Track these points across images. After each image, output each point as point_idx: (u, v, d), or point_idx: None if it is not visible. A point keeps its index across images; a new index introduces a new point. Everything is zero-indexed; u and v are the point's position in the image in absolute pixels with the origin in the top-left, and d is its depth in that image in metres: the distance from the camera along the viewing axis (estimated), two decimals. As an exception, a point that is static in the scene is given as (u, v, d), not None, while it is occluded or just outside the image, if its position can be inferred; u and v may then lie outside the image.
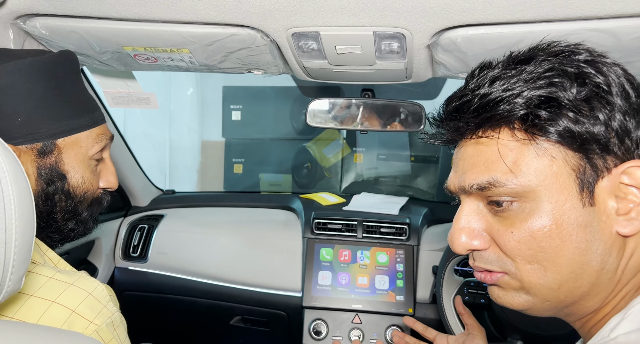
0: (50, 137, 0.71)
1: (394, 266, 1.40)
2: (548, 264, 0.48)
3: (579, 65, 0.48)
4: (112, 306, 0.62)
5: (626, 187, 0.46)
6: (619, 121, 0.46)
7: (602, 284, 0.48)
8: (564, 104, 0.46)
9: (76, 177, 0.75)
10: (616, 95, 0.47)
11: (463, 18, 0.71)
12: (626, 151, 0.47)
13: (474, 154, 0.51)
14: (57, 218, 0.74)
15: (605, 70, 0.48)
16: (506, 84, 0.49)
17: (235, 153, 2.47)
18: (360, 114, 1.21)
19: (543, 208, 0.47)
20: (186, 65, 0.95)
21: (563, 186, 0.47)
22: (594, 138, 0.46)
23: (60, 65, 0.73)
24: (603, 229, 0.47)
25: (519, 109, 0.47)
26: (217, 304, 1.51)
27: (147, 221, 1.59)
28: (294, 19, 0.75)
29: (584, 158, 0.47)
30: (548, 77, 0.48)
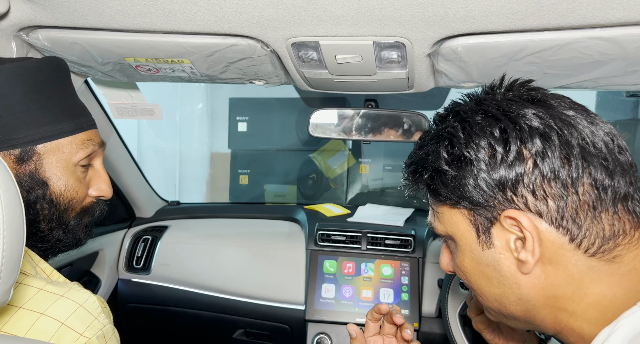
0: (28, 143, 0.68)
1: (399, 278, 1.38)
2: (478, 292, 0.58)
3: (453, 131, 0.55)
4: (104, 318, 0.61)
5: (515, 229, 0.51)
6: (484, 181, 0.52)
7: (535, 310, 0.53)
8: (442, 173, 0.55)
9: (59, 185, 0.72)
10: (480, 159, 0.52)
11: (463, 27, 0.70)
12: (504, 201, 0.51)
13: None
14: (41, 227, 0.71)
15: (475, 133, 0.53)
16: (415, 150, 0.61)
17: (241, 164, 2.47)
18: (364, 124, 1.20)
19: (460, 249, 0.58)
20: (188, 76, 0.95)
21: (464, 234, 0.56)
22: (471, 200, 0.53)
23: (42, 70, 0.71)
24: (505, 268, 0.53)
25: (417, 180, 0.59)
26: (220, 317, 1.49)
27: (151, 232, 1.58)
28: (294, 29, 0.75)
29: (472, 210, 0.54)
30: (433, 145, 0.57)
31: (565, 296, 0.51)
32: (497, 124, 0.53)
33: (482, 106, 0.56)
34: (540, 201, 0.50)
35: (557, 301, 0.51)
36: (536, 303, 0.53)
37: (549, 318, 0.53)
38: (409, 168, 0.61)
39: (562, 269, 0.50)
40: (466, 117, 0.55)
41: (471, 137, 0.53)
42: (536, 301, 0.53)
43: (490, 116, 0.54)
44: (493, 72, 0.83)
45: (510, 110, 0.54)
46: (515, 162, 0.51)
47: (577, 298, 0.50)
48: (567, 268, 0.50)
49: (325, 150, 2.31)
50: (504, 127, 0.52)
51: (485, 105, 0.56)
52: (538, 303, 0.53)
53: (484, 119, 0.54)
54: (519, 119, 0.52)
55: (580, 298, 0.50)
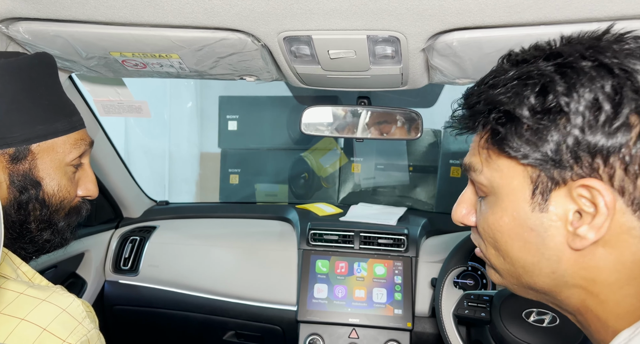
0: (23, 142, 0.67)
1: (392, 278, 1.37)
2: (504, 255, 0.53)
3: (551, 75, 0.46)
4: (89, 323, 0.58)
5: (584, 201, 0.46)
6: (574, 139, 0.45)
7: (565, 287, 0.50)
8: (520, 120, 0.47)
9: (52, 185, 0.71)
10: (579, 113, 0.44)
11: (459, 21, 0.68)
12: (587, 168, 0.45)
13: (473, 141, 0.57)
14: (31, 228, 0.70)
15: (580, 83, 0.45)
16: (487, 87, 0.51)
17: (232, 163, 2.44)
18: (356, 122, 1.18)
19: (499, 205, 0.51)
20: (176, 71, 0.93)
21: (516, 190, 0.50)
22: (545, 157, 0.46)
23: (35, 67, 0.70)
24: (551, 237, 0.48)
25: (480, 119, 0.51)
26: (210, 318, 1.47)
27: (139, 233, 1.55)
28: (285, 23, 0.73)
29: (539, 168, 0.48)
30: (515, 87, 0.48)
31: (606, 283, 0.47)
32: (611, 78, 0.44)
33: (594, 50, 0.46)
34: (629, 178, 0.44)
35: (594, 286, 0.48)
36: (570, 280, 0.49)
37: (575, 298, 0.50)
38: (471, 105, 0.52)
39: (616, 255, 0.46)
40: (571, 61, 0.46)
41: (574, 86, 0.45)
42: (571, 279, 0.48)
43: (603, 66, 0.45)
44: (488, 67, 0.80)
45: (629, 64, 0.45)
46: (621, 128, 0.43)
47: (616, 287, 0.47)
48: (622, 254, 0.46)
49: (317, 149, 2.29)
50: (620, 84, 0.44)
51: (598, 51, 0.46)
52: (572, 281, 0.49)
53: (595, 68, 0.45)
54: (637, 75, 0.44)
55: (620, 288, 0.46)
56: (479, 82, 0.54)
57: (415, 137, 1.16)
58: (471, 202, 0.58)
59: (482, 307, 1.11)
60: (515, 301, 1.06)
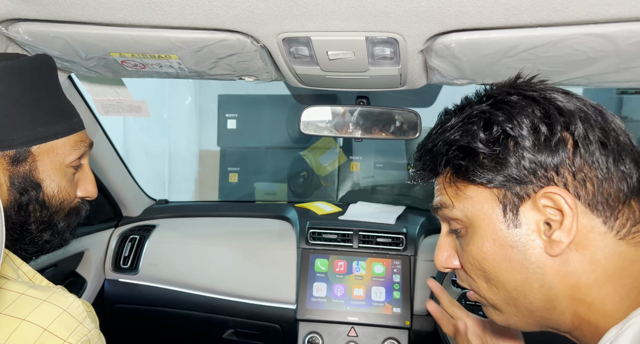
0: (24, 144, 0.67)
1: (391, 276, 1.37)
2: (496, 283, 0.55)
3: (489, 110, 0.54)
4: (89, 323, 0.59)
5: (549, 210, 0.50)
6: (528, 160, 0.51)
7: (556, 300, 0.52)
8: (476, 152, 0.53)
9: (52, 187, 0.71)
10: (523, 136, 0.51)
11: (457, 23, 0.69)
12: (544, 179, 0.51)
13: (436, 184, 0.61)
14: (31, 229, 0.70)
15: (515, 112, 0.52)
16: (438, 134, 0.58)
17: (231, 162, 2.44)
18: (355, 121, 1.19)
19: (478, 233, 0.55)
20: (175, 71, 0.93)
21: (488, 213, 0.54)
22: (508, 178, 0.52)
23: (35, 69, 0.70)
24: (531, 250, 0.51)
25: (441, 159, 0.57)
26: (209, 317, 1.47)
27: (139, 232, 1.56)
28: (284, 24, 0.73)
29: (504, 187, 0.52)
30: (462, 126, 0.55)
31: (587, 285, 0.50)
32: (537, 105, 0.52)
33: (515, 89, 0.55)
34: (579, 183, 0.50)
35: (579, 291, 0.51)
36: (558, 291, 0.51)
37: (568, 311, 0.52)
38: (429, 148, 0.59)
39: (589, 255, 0.50)
40: (501, 98, 0.54)
41: (512, 115, 0.52)
42: (559, 289, 0.51)
43: (528, 97, 0.54)
44: (486, 68, 0.82)
45: (545, 92, 0.54)
46: (559, 143, 0.50)
47: (597, 287, 0.50)
48: (594, 253, 0.50)
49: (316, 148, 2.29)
50: (545, 108, 0.52)
51: (519, 88, 0.55)
52: (560, 291, 0.51)
53: (522, 99, 0.54)
54: (556, 101, 0.52)
55: (600, 288, 0.50)
56: (428, 135, 0.61)
57: (414, 137, 1.16)
58: (450, 246, 0.61)
59: (479, 305, 1.12)
60: None
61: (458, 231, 0.58)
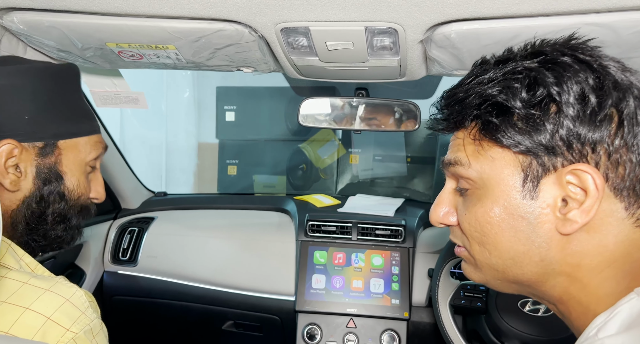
0: (52, 137, 0.74)
1: (389, 268, 1.38)
2: (491, 248, 0.53)
3: (538, 69, 0.49)
4: (92, 312, 0.60)
5: (572, 187, 0.48)
6: (567, 129, 0.47)
7: (552, 275, 0.51)
8: (512, 112, 0.49)
9: (72, 181, 0.77)
10: (570, 104, 0.47)
11: (457, 12, 0.68)
12: (577, 154, 0.48)
13: (455, 138, 0.57)
14: (47, 220, 0.75)
15: (567, 76, 0.48)
16: (472, 85, 0.53)
17: (230, 154, 2.43)
18: (354, 113, 1.18)
19: (489, 196, 0.52)
20: (173, 62, 0.92)
21: (506, 178, 0.51)
22: (539, 145, 0.48)
23: (65, 73, 0.78)
24: (541, 224, 0.49)
25: (470, 113, 0.52)
26: (208, 308, 1.48)
27: (137, 224, 1.56)
28: (283, 14, 0.72)
29: (530, 156, 0.49)
30: (503, 81, 0.50)
31: (589, 266, 0.49)
32: (592, 73, 0.48)
33: (570, 49, 0.50)
34: (612, 165, 0.47)
35: (578, 271, 0.49)
36: (557, 267, 0.50)
37: (559, 287, 0.51)
38: (459, 102, 0.54)
39: (599, 238, 0.48)
40: (553, 57, 0.49)
41: (562, 79, 0.47)
42: (558, 266, 0.50)
43: (583, 62, 0.48)
44: (486, 59, 0.81)
45: (601, 60, 0.49)
46: (605, 118, 0.47)
47: (597, 270, 0.48)
48: (605, 237, 0.48)
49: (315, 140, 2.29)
50: (600, 78, 0.48)
51: (574, 49, 0.50)
52: (559, 268, 0.50)
53: (576, 62, 0.48)
54: (612, 72, 0.48)
55: (601, 271, 0.48)
56: (459, 83, 0.56)
57: (413, 129, 1.16)
58: (450, 202, 0.59)
59: (478, 297, 1.12)
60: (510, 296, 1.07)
61: (465, 189, 0.55)
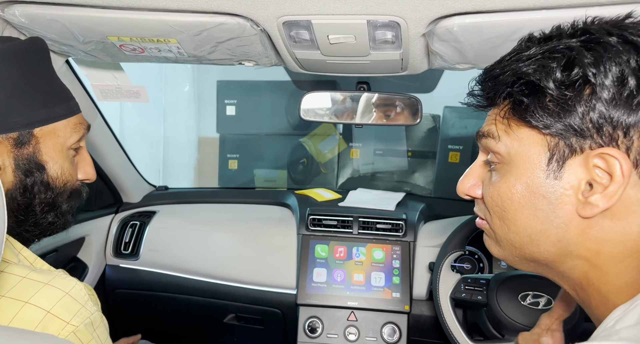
0: (26, 126, 0.68)
1: (390, 262, 1.38)
2: (510, 224, 0.53)
3: (578, 49, 0.47)
4: (92, 305, 0.60)
5: (598, 171, 0.47)
6: (598, 112, 0.46)
7: (569, 257, 0.50)
8: (544, 92, 0.48)
9: (55, 168, 0.73)
10: (605, 86, 0.45)
11: (459, 6, 0.68)
12: (607, 137, 0.46)
13: (491, 113, 0.57)
14: (36, 211, 0.72)
15: (607, 57, 0.46)
16: (510, 61, 0.52)
17: (230, 149, 2.43)
18: (355, 107, 1.18)
19: (513, 173, 0.52)
20: (174, 56, 0.92)
21: (532, 157, 0.50)
22: (567, 127, 0.47)
23: (31, 52, 0.70)
24: (562, 205, 0.49)
25: (503, 90, 0.52)
26: (210, 302, 1.49)
27: (139, 218, 1.56)
28: (285, 7, 0.72)
29: (558, 137, 0.48)
30: (540, 60, 0.49)
31: (609, 254, 0.48)
32: (637, 54, 0.45)
33: (619, 29, 0.48)
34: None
35: (598, 257, 0.49)
36: (574, 250, 0.49)
37: (578, 270, 0.51)
38: (495, 75, 0.53)
39: (623, 226, 0.47)
40: (597, 37, 0.47)
41: (602, 59, 0.46)
42: (576, 249, 0.49)
43: (629, 43, 0.46)
44: (488, 53, 0.81)
45: None
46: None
47: (618, 259, 0.48)
48: (630, 226, 0.47)
49: (315, 134, 2.29)
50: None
51: (623, 29, 0.47)
52: (576, 251, 0.49)
53: (621, 43, 0.46)
54: None
55: (622, 260, 0.47)
56: (499, 60, 0.54)
57: (414, 123, 1.16)
58: (479, 175, 0.59)
59: (478, 290, 1.13)
60: (511, 285, 1.08)
61: (493, 164, 0.55)
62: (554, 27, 0.53)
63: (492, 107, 0.56)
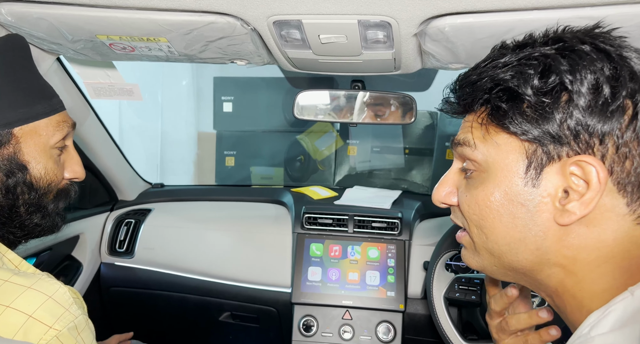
0: (5, 126, 0.67)
1: (385, 261, 1.38)
2: (488, 233, 0.53)
3: (553, 56, 0.48)
4: (76, 309, 0.59)
5: (574, 179, 0.47)
6: (575, 119, 0.46)
7: (547, 265, 0.50)
8: (522, 98, 0.48)
9: (38, 168, 0.71)
10: (581, 94, 0.46)
11: (450, 6, 0.67)
12: (584, 144, 0.47)
13: (465, 120, 0.57)
14: (20, 212, 0.71)
15: (582, 65, 0.46)
16: (486, 68, 0.52)
17: (227, 145, 2.43)
18: (350, 106, 1.17)
19: (491, 180, 0.52)
20: (165, 55, 0.91)
21: (510, 164, 0.50)
22: (546, 133, 0.47)
23: (9, 50, 0.69)
24: (540, 213, 0.49)
25: (480, 96, 0.51)
26: (205, 300, 1.49)
27: (134, 216, 1.56)
28: (275, 7, 0.71)
29: (536, 143, 0.48)
30: (517, 67, 0.49)
31: (585, 261, 0.48)
32: (609, 62, 0.46)
33: (590, 38, 0.48)
34: (619, 158, 0.46)
35: (574, 264, 0.49)
36: (552, 258, 0.50)
37: (554, 277, 0.51)
38: (472, 81, 0.52)
39: (597, 233, 0.47)
40: (571, 45, 0.48)
41: (577, 67, 0.46)
42: (554, 257, 0.50)
43: (601, 51, 0.47)
44: (480, 53, 0.80)
45: (622, 50, 0.47)
46: (616, 111, 0.45)
47: (594, 265, 0.48)
48: (603, 232, 0.47)
49: (312, 131, 2.28)
50: (617, 68, 0.46)
51: (595, 38, 0.48)
52: (554, 259, 0.50)
53: (594, 51, 0.47)
54: (631, 63, 0.46)
55: (597, 266, 0.48)
56: (475, 66, 0.54)
57: (409, 122, 1.15)
58: (454, 182, 0.59)
59: (472, 290, 1.13)
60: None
61: (469, 171, 0.55)
62: (526, 35, 0.54)
63: (468, 113, 0.55)
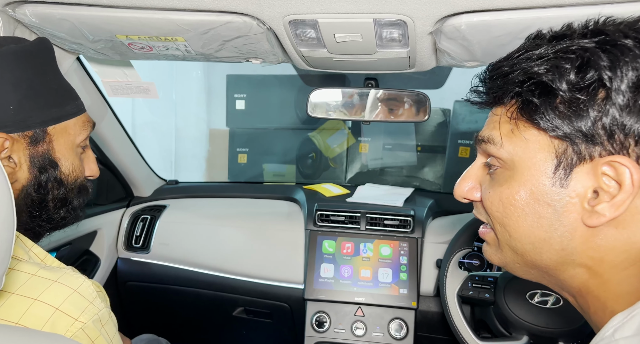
0: (41, 124, 0.71)
1: (398, 258, 1.39)
2: (511, 231, 0.52)
3: (593, 50, 0.45)
4: (100, 302, 0.61)
5: (606, 179, 0.45)
6: (611, 118, 0.44)
7: (571, 265, 0.49)
8: (556, 94, 0.46)
9: (67, 165, 0.75)
10: (620, 91, 0.43)
11: (467, 4, 0.67)
12: (618, 145, 0.44)
13: (492, 115, 0.55)
14: (49, 206, 0.74)
15: (624, 61, 0.44)
16: (519, 59, 0.49)
17: (240, 143, 2.44)
18: (363, 104, 1.18)
19: (517, 179, 0.50)
20: (182, 54, 0.92)
21: (538, 163, 0.49)
22: (578, 131, 0.46)
23: (40, 52, 0.73)
24: (567, 213, 0.47)
25: (512, 89, 0.49)
26: (219, 295, 1.51)
27: (150, 212, 1.58)
28: (291, 6, 0.72)
29: (567, 142, 0.47)
30: (552, 60, 0.46)
31: (612, 263, 0.47)
32: None
33: (635, 31, 0.45)
34: None
35: (600, 266, 0.48)
36: (577, 259, 0.49)
37: (578, 278, 0.50)
38: (504, 74, 0.50)
39: (628, 236, 0.46)
40: (613, 38, 0.45)
41: (618, 63, 0.44)
42: (579, 257, 0.48)
43: None
44: (496, 51, 0.80)
45: None
46: None
47: (621, 267, 0.47)
48: (635, 235, 0.46)
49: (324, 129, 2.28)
50: None
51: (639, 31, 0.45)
52: (579, 260, 0.48)
53: (638, 47, 0.44)
54: None
55: (624, 268, 0.47)
56: (507, 56, 0.52)
57: (422, 120, 1.15)
58: (477, 178, 0.58)
59: (486, 288, 1.13)
60: (519, 283, 1.07)
61: (494, 167, 0.53)
62: (564, 25, 0.51)
63: (497, 105, 0.54)
